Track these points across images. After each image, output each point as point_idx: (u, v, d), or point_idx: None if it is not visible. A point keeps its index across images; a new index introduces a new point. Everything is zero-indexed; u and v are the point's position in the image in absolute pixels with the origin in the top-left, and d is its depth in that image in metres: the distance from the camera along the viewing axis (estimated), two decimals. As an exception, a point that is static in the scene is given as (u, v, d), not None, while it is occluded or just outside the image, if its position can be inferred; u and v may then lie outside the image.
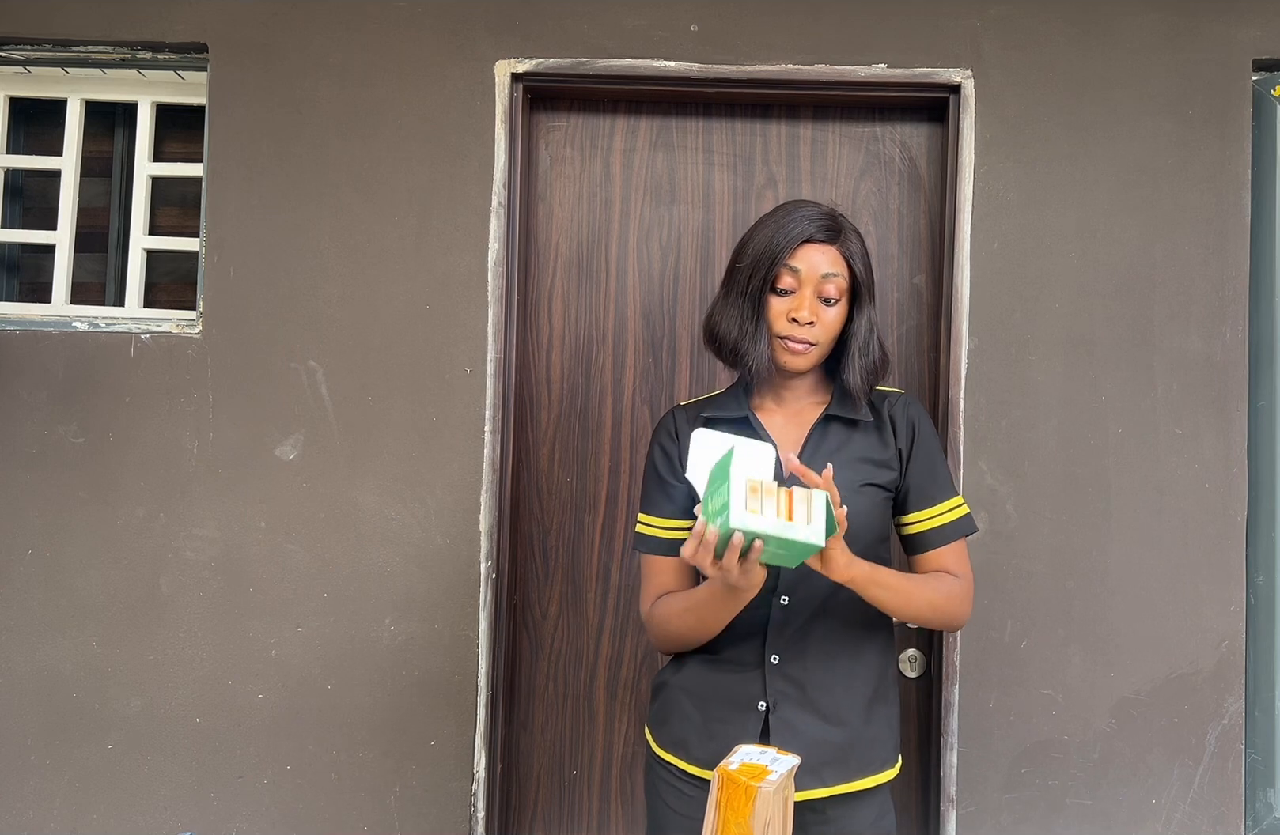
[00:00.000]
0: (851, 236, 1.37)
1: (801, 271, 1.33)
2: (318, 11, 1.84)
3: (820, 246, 1.34)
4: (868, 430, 1.40)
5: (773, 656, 1.35)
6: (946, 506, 1.40)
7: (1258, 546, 1.80)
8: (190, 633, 1.81)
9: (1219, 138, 1.81)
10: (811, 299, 1.33)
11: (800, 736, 1.33)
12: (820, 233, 1.34)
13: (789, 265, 1.33)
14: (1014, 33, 1.82)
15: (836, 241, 1.35)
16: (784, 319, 1.34)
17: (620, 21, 1.83)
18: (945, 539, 1.39)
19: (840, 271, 1.34)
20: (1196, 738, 1.77)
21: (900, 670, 1.87)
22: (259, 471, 1.81)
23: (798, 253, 1.33)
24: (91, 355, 1.83)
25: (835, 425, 1.40)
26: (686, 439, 1.39)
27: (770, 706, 1.34)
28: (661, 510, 1.42)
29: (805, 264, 1.33)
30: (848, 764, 1.34)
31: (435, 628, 1.80)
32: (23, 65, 1.92)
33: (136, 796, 1.80)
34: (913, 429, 1.41)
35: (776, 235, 1.34)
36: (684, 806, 1.38)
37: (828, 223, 1.35)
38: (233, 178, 1.83)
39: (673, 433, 1.44)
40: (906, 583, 1.32)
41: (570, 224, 1.95)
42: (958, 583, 1.38)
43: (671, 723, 1.40)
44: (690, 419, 1.44)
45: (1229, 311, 1.80)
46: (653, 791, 1.43)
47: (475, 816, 1.79)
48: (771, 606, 1.35)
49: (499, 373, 1.82)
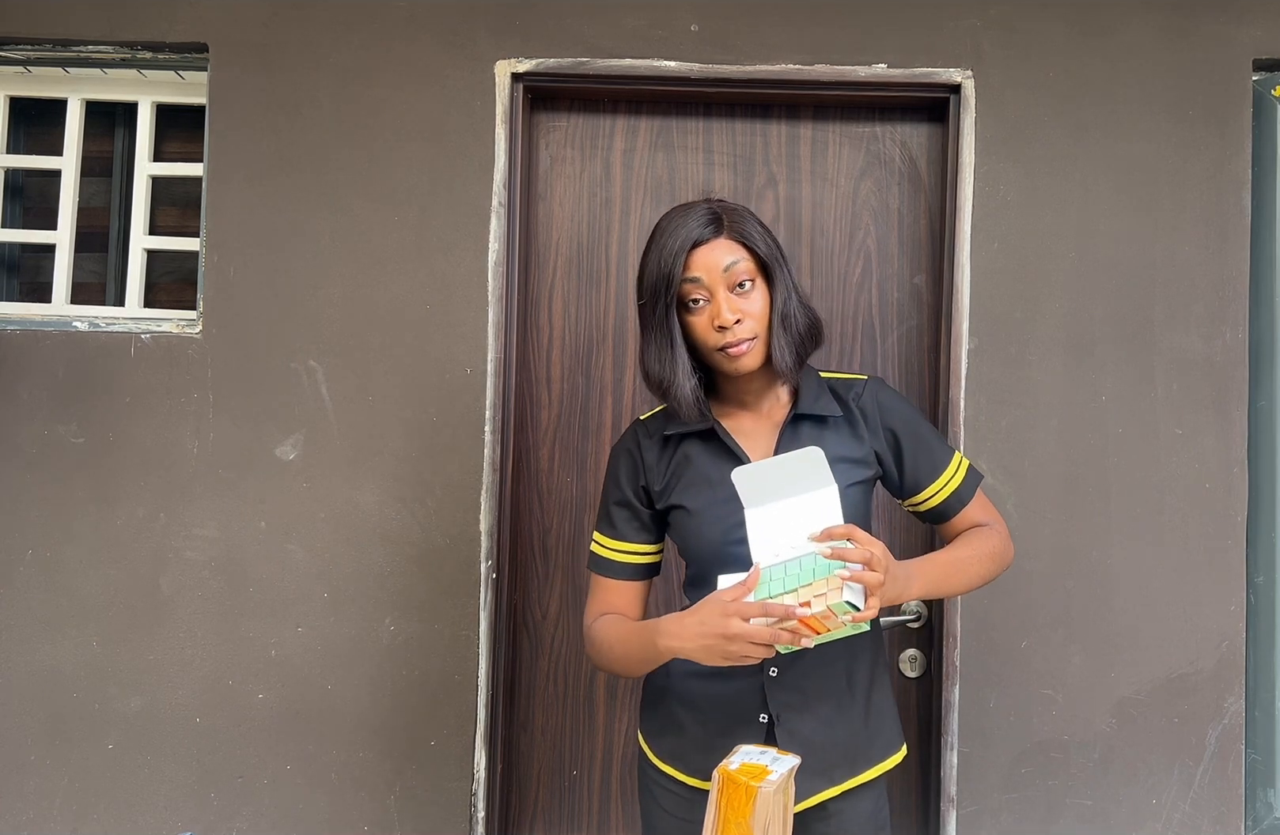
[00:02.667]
0: (738, 218, 1.29)
1: (703, 278, 1.26)
2: (318, 11, 1.84)
3: (710, 244, 1.27)
4: (839, 426, 1.35)
5: (771, 669, 1.32)
6: (952, 470, 1.38)
7: (1258, 546, 1.80)
8: (190, 633, 1.81)
9: (1219, 138, 1.81)
10: (727, 297, 1.26)
11: (805, 743, 1.31)
12: (702, 231, 1.27)
13: (688, 278, 1.26)
14: (1014, 33, 1.82)
15: (723, 231, 1.28)
16: (711, 332, 1.28)
17: (620, 21, 1.83)
18: (964, 500, 1.38)
19: (740, 255, 1.27)
20: (1196, 738, 1.77)
21: (900, 670, 1.87)
22: (259, 471, 1.81)
23: (691, 262, 1.26)
24: (91, 355, 1.83)
25: (805, 425, 1.35)
26: (650, 454, 1.37)
27: (773, 718, 1.32)
28: (615, 532, 1.39)
29: (703, 269, 1.26)
30: (855, 761, 1.34)
31: (435, 628, 1.80)
32: (23, 65, 1.92)
33: (136, 796, 1.80)
34: (887, 415, 1.37)
35: (663, 255, 1.27)
36: (679, 809, 1.37)
37: (705, 218, 1.28)
38: (233, 178, 1.83)
39: (633, 450, 1.39)
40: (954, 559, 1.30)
41: (570, 224, 1.95)
42: (993, 531, 1.37)
43: (669, 736, 1.38)
44: (651, 433, 1.39)
45: (1229, 311, 1.80)
46: (647, 795, 1.42)
47: (475, 816, 1.79)
48: None
49: (499, 373, 1.82)
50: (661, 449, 1.38)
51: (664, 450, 1.38)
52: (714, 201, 1.33)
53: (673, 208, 1.34)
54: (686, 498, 1.34)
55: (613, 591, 1.39)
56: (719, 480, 1.32)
